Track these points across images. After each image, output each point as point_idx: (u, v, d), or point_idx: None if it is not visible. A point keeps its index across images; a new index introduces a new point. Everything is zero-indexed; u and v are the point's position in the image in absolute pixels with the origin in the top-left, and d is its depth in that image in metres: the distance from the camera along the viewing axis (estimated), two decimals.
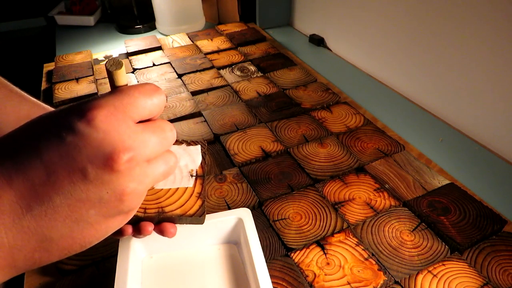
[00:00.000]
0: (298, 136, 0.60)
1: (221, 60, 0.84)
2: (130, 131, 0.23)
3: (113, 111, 0.23)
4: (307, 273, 0.40)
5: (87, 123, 0.22)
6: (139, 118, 0.24)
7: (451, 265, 0.40)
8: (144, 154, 0.24)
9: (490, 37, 0.56)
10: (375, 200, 0.48)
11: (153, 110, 0.25)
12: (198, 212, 0.30)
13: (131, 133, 0.23)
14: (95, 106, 0.22)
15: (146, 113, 0.25)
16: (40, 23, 3.24)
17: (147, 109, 0.25)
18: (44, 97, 0.77)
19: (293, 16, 1.06)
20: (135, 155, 0.23)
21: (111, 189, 0.23)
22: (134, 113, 0.24)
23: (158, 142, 0.25)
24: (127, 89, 0.24)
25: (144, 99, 0.24)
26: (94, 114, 0.22)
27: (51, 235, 0.22)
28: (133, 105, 0.24)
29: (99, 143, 0.22)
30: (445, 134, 0.63)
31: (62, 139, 0.22)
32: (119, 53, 0.91)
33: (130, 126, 0.23)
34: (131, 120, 0.24)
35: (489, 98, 0.59)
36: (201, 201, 0.31)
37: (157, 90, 0.25)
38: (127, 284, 0.35)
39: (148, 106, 0.25)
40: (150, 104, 0.25)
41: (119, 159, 0.22)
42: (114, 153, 0.22)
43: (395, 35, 0.73)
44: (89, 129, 0.22)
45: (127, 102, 0.24)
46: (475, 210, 0.46)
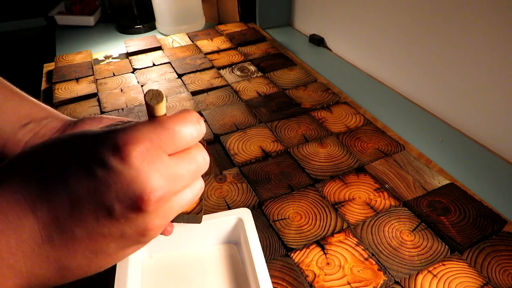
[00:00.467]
0: (298, 136, 0.60)
1: (221, 60, 0.84)
2: (164, 167, 0.22)
3: (149, 147, 0.22)
4: (307, 273, 0.40)
5: (121, 159, 0.21)
6: (174, 151, 0.23)
7: (451, 265, 0.40)
8: (174, 191, 0.23)
9: (490, 37, 0.56)
10: (375, 200, 0.48)
11: (190, 142, 0.24)
12: (195, 210, 0.30)
13: (164, 170, 0.22)
14: (131, 140, 0.21)
15: (183, 145, 0.24)
16: (40, 23, 3.25)
17: (184, 142, 0.24)
18: (44, 97, 0.77)
19: (293, 16, 1.06)
20: (165, 194, 0.22)
21: (135, 226, 0.22)
22: (170, 148, 0.23)
23: (190, 176, 0.24)
24: (166, 122, 0.23)
25: (182, 132, 0.23)
26: (129, 149, 0.21)
27: (69, 264, 0.22)
28: (170, 140, 0.23)
29: (130, 181, 0.21)
30: (445, 134, 0.63)
31: (92, 174, 0.21)
32: (119, 53, 0.91)
33: (164, 162, 0.22)
34: (165, 155, 0.22)
35: (489, 98, 0.59)
36: (199, 199, 0.31)
37: (197, 121, 0.24)
38: (127, 284, 0.35)
39: (185, 140, 0.23)
40: (188, 137, 0.24)
41: (149, 200, 0.21)
42: (145, 193, 0.21)
43: (395, 35, 0.73)
44: (122, 166, 0.21)
45: (165, 137, 0.22)
46: (475, 210, 0.46)
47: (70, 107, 0.70)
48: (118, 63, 0.85)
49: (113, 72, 0.82)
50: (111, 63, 0.86)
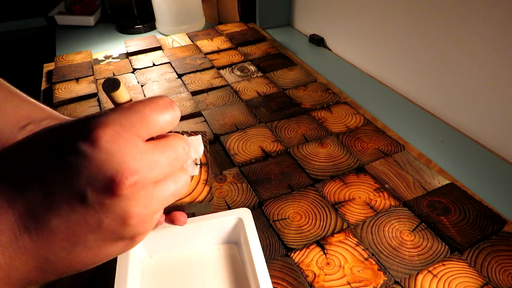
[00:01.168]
0: (298, 136, 0.60)
1: (221, 60, 0.84)
2: (137, 151, 0.21)
3: (119, 130, 0.21)
4: (307, 273, 0.40)
5: (90, 143, 0.20)
6: (149, 136, 0.23)
7: (451, 265, 0.40)
8: (151, 177, 0.22)
9: (490, 37, 0.56)
10: (375, 200, 0.48)
11: (165, 127, 0.23)
12: (207, 198, 0.31)
13: (138, 154, 0.21)
14: (100, 124, 0.21)
15: (157, 130, 0.23)
16: (40, 23, 3.24)
17: (158, 126, 0.23)
18: (44, 97, 0.77)
19: (293, 16, 1.06)
20: (140, 178, 0.21)
21: (112, 214, 0.21)
22: (143, 131, 0.22)
23: (168, 163, 0.23)
24: (136, 106, 0.23)
25: (155, 116, 0.23)
26: (99, 133, 0.21)
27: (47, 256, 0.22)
28: (142, 123, 0.22)
29: (101, 164, 0.20)
30: (445, 134, 0.63)
31: (63, 161, 0.21)
32: (119, 53, 0.91)
33: (138, 146, 0.22)
34: (139, 139, 0.22)
35: (489, 98, 0.59)
36: (209, 187, 0.31)
37: (169, 105, 0.24)
38: (127, 284, 0.35)
39: (159, 123, 0.23)
40: (161, 121, 0.23)
41: (122, 183, 0.21)
42: (117, 176, 0.20)
43: (395, 35, 0.73)
44: (92, 150, 0.20)
45: (136, 119, 0.22)
46: (475, 210, 0.46)
47: (70, 107, 0.70)
48: (118, 63, 0.85)
49: (113, 72, 0.82)
50: (111, 63, 0.86)
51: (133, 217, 0.22)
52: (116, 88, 0.23)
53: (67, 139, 0.21)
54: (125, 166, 0.21)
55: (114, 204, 0.21)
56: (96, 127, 0.21)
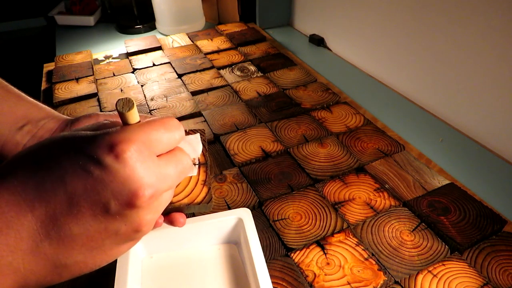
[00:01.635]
0: (298, 136, 0.60)
1: (221, 60, 0.84)
2: (154, 166, 0.24)
3: (141, 147, 0.23)
4: (307, 273, 0.40)
5: (116, 157, 0.22)
6: (161, 152, 0.25)
7: (451, 265, 0.40)
8: (164, 188, 0.24)
9: (490, 37, 0.56)
10: (375, 200, 0.48)
11: (174, 144, 0.26)
12: (205, 199, 0.31)
13: (155, 169, 0.24)
14: (124, 140, 0.23)
15: (169, 148, 0.26)
16: (40, 23, 3.24)
17: (170, 145, 0.26)
18: (44, 97, 0.77)
19: (293, 16, 1.06)
20: (157, 191, 0.23)
21: (129, 222, 0.23)
22: (159, 148, 0.25)
23: (177, 176, 0.26)
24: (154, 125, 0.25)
25: (168, 135, 0.25)
26: (124, 149, 0.22)
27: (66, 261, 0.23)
28: (159, 141, 0.24)
29: (125, 179, 0.22)
30: (445, 134, 0.63)
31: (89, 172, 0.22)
32: (119, 53, 0.91)
33: (155, 162, 0.24)
34: (155, 155, 0.24)
35: (489, 98, 0.59)
36: (207, 188, 0.32)
37: (179, 126, 0.27)
38: (127, 284, 0.35)
39: (170, 142, 0.26)
40: (172, 140, 0.26)
41: (143, 196, 0.22)
42: (139, 190, 0.22)
43: (395, 35, 0.73)
44: (117, 165, 0.22)
45: (155, 138, 0.24)
46: (475, 210, 0.46)
47: (70, 107, 0.70)
48: (118, 63, 0.85)
49: (113, 72, 0.82)
50: (111, 63, 0.86)
51: (145, 224, 0.24)
52: (131, 107, 0.24)
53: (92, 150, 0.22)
54: (145, 181, 0.23)
55: (132, 214, 0.23)
56: (121, 142, 0.22)
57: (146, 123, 0.25)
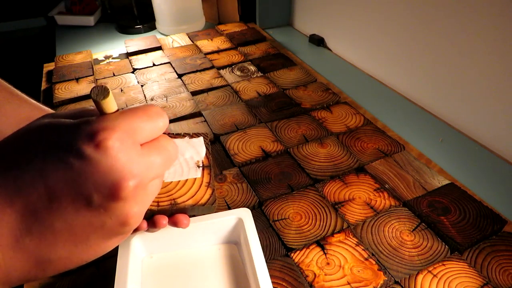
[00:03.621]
0: (298, 136, 0.60)
1: (221, 60, 0.84)
2: (137, 156, 0.22)
3: (123, 136, 0.22)
4: (307, 273, 0.40)
5: (96, 147, 0.21)
6: (145, 140, 0.24)
7: (451, 265, 0.40)
8: (148, 178, 0.23)
9: (490, 37, 0.56)
10: (375, 200, 0.48)
11: (157, 133, 0.25)
12: (209, 201, 0.31)
13: (137, 158, 0.22)
14: (105, 128, 0.21)
15: (152, 136, 0.25)
16: (40, 23, 3.24)
17: (153, 133, 0.24)
18: (44, 97, 0.77)
19: (293, 16, 1.06)
20: (141, 181, 0.22)
21: (115, 215, 0.22)
22: (142, 137, 0.24)
23: (162, 164, 0.25)
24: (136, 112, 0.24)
25: (151, 123, 0.24)
26: (105, 137, 0.21)
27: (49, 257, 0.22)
28: (142, 129, 0.23)
29: (107, 170, 0.21)
30: (445, 134, 0.63)
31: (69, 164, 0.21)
32: (119, 53, 0.91)
33: (138, 151, 0.23)
34: (138, 144, 0.23)
35: (489, 98, 0.59)
36: (211, 190, 0.32)
37: (162, 113, 0.25)
38: (127, 284, 0.35)
39: (154, 130, 0.24)
40: (156, 128, 0.25)
41: (127, 187, 0.21)
42: (122, 181, 0.21)
43: (395, 35, 0.73)
44: (98, 155, 0.21)
45: (137, 126, 0.23)
46: (475, 210, 0.46)
47: (70, 107, 0.70)
48: (118, 63, 0.85)
49: (113, 72, 0.82)
50: (111, 63, 0.86)
51: (132, 216, 0.23)
52: (105, 96, 0.23)
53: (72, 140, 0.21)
54: (127, 171, 0.22)
55: (117, 207, 0.22)
56: (102, 131, 0.21)
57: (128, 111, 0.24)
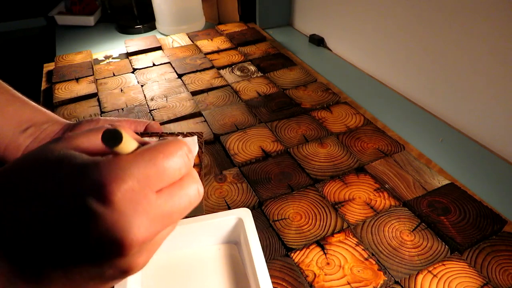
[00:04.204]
0: (298, 136, 0.60)
1: (221, 60, 0.84)
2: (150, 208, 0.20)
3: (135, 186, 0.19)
4: (307, 273, 0.40)
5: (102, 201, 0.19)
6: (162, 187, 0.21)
7: (451, 265, 0.40)
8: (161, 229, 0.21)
9: (490, 37, 0.56)
10: (375, 200, 0.48)
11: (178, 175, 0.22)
12: None
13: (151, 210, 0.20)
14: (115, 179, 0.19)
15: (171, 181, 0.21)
16: (40, 23, 3.24)
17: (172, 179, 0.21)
18: (44, 97, 0.77)
19: (293, 16, 1.06)
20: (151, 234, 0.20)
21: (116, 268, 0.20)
22: (158, 185, 0.20)
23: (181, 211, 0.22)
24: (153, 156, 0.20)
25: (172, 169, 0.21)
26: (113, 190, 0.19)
27: None
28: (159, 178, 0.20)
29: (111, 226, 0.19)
30: (445, 134, 0.63)
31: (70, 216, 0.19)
32: (119, 53, 0.91)
33: (151, 202, 0.20)
34: (153, 193, 0.20)
35: (489, 98, 0.59)
36: None
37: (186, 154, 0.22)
38: (127, 284, 0.35)
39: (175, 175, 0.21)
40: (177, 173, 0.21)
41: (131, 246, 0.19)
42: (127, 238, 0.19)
43: (395, 35, 0.73)
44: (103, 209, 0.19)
45: (153, 174, 0.20)
46: (475, 210, 0.46)
47: (70, 107, 0.70)
48: (118, 63, 0.85)
49: (113, 72, 0.82)
50: (111, 63, 0.86)
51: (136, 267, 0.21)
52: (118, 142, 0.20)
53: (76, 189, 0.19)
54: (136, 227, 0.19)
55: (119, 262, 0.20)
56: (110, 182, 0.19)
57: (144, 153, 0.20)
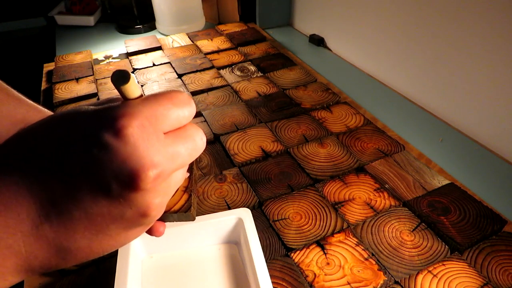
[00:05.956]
0: (298, 136, 0.60)
1: (221, 60, 0.84)
2: (160, 145, 0.21)
3: (144, 123, 0.21)
4: (307, 273, 0.40)
5: (115, 134, 0.20)
6: (169, 129, 0.23)
7: (451, 265, 0.40)
8: (172, 168, 0.22)
9: (490, 37, 0.56)
10: (375, 200, 0.48)
11: (184, 121, 0.24)
12: (183, 208, 0.28)
13: (161, 147, 0.21)
14: (125, 114, 0.21)
15: (177, 124, 0.23)
16: (40, 23, 3.24)
17: (179, 120, 0.23)
18: (44, 97, 0.77)
19: (293, 16, 1.06)
20: (163, 171, 0.21)
21: (135, 206, 0.21)
22: (166, 124, 0.22)
23: (188, 154, 0.23)
24: (160, 98, 0.23)
25: (177, 110, 0.23)
26: (124, 124, 0.20)
27: (69, 245, 0.22)
28: (166, 117, 0.22)
29: (126, 158, 0.20)
30: (445, 134, 0.63)
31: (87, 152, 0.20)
32: (119, 53, 0.91)
33: (160, 140, 0.22)
34: (161, 132, 0.22)
35: (489, 98, 0.59)
36: (187, 195, 0.28)
37: (188, 101, 0.24)
38: (127, 284, 0.35)
39: (180, 118, 0.23)
40: (181, 115, 0.23)
41: (147, 177, 0.20)
42: (142, 170, 0.20)
43: (395, 35, 0.73)
44: (117, 142, 0.20)
45: (160, 113, 0.22)
46: (475, 210, 0.46)
47: (70, 107, 0.70)
48: (118, 63, 0.85)
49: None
50: (111, 63, 0.86)
51: (153, 208, 0.22)
52: (126, 81, 0.22)
53: (91, 127, 0.21)
54: (149, 160, 0.21)
55: (137, 197, 0.21)
56: (121, 118, 0.20)
57: (152, 97, 0.23)
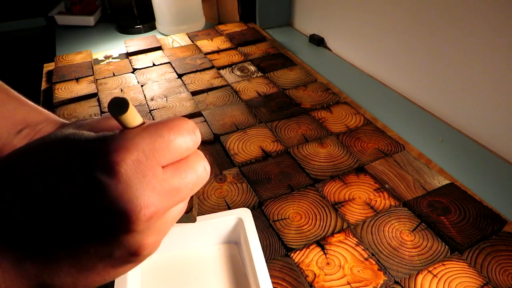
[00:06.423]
0: (298, 136, 0.60)
1: (221, 60, 0.84)
2: (156, 181, 0.19)
3: (141, 157, 0.19)
4: (307, 273, 0.40)
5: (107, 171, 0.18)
6: (169, 162, 0.21)
7: (451, 265, 0.40)
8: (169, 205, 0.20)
9: (490, 37, 0.56)
10: (375, 200, 0.48)
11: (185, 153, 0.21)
12: None
13: (157, 184, 0.19)
14: (120, 149, 0.19)
15: (178, 156, 0.21)
16: (40, 23, 3.24)
17: (180, 153, 0.21)
18: (44, 97, 0.77)
19: (293, 16, 1.06)
20: (158, 210, 0.19)
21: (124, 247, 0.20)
22: (165, 158, 0.20)
23: (188, 189, 0.21)
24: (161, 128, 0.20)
25: (178, 142, 0.21)
26: (117, 160, 0.18)
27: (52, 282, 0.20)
28: (165, 149, 0.20)
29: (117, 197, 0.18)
30: (445, 134, 0.63)
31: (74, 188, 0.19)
32: (119, 53, 0.91)
33: (157, 175, 0.20)
34: (159, 167, 0.20)
35: (489, 98, 0.59)
36: None
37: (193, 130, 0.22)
38: (127, 284, 0.35)
39: (182, 150, 0.21)
40: (184, 147, 0.21)
41: (138, 219, 0.19)
42: (133, 212, 0.19)
43: (395, 35, 0.73)
44: (108, 180, 0.18)
45: (159, 145, 0.20)
46: (475, 210, 0.46)
47: (70, 107, 0.70)
48: (118, 63, 0.85)
49: (113, 72, 0.82)
50: (111, 63, 0.86)
51: (145, 248, 0.21)
52: (124, 110, 0.19)
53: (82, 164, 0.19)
54: (142, 200, 0.19)
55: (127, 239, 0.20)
56: (115, 153, 0.19)
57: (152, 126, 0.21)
